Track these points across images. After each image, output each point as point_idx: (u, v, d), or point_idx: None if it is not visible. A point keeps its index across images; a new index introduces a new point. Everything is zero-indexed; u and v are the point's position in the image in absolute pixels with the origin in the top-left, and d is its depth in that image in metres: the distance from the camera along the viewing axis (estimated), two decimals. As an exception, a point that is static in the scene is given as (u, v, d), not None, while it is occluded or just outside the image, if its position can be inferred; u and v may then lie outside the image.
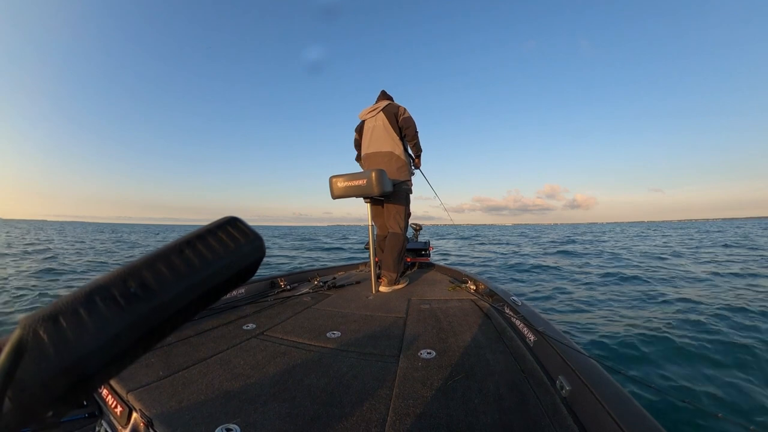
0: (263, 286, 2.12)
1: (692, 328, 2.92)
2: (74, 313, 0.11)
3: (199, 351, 1.10)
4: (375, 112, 2.30)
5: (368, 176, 1.93)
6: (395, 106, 2.29)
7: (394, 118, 2.25)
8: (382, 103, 2.32)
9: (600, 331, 2.90)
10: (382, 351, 1.10)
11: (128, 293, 0.12)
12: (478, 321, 1.41)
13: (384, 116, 2.25)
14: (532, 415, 0.72)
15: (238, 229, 0.17)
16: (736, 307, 3.47)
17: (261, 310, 1.64)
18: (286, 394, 0.82)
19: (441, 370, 0.94)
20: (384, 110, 2.26)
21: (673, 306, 3.70)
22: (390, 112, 2.25)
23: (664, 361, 2.33)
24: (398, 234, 2.26)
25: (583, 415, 0.70)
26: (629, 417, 0.59)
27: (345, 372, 0.94)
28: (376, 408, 0.76)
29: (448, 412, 0.74)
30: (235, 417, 0.72)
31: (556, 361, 0.91)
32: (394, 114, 2.26)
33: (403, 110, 2.27)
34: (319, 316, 1.52)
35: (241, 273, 0.16)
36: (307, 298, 1.91)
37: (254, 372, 0.94)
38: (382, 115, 2.26)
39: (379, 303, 1.77)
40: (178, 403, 0.78)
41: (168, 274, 0.13)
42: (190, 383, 0.88)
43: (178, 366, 0.98)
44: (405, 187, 2.30)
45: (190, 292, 0.14)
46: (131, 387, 0.84)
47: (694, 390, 1.96)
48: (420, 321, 1.42)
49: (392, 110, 2.27)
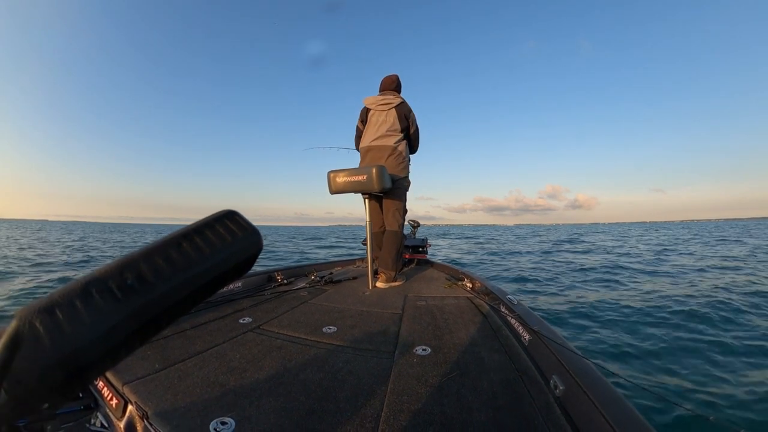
0: (260, 280, 2.12)
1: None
2: (70, 305, 0.11)
3: (196, 344, 1.10)
4: (386, 106, 2.27)
5: (369, 172, 1.93)
6: (407, 107, 2.29)
7: (405, 119, 2.26)
8: (394, 98, 2.29)
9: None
10: (377, 347, 1.11)
11: (125, 285, 0.12)
12: (473, 319, 1.42)
13: (396, 114, 2.24)
14: (525, 414, 0.73)
15: (236, 223, 0.17)
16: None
17: (257, 304, 1.64)
18: (281, 389, 0.82)
19: (436, 367, 0.95)
20: (397, 108, 2.25)
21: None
22: (402, 113, 2.25)
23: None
24: (396, 232, 2.25)
25: (575, 415, 0.71)
26: (621, 417, 0.60)
27: (340, 367, 0.94)
28: (370, 403, 0.76)
29: (442, 409, 0.74)
30: (231, 410, 0.72)
31: (550, 360, 0.92)
32: (406, 116, 2.26)
33: (413, 119, 2.29)
34: (316, 311, 1.52)
35: (238, 266, 0.16)
36: (304, 292, 1.91)
37: (250, 366, 0.95)
38: (394, 113, 2.25)
39: (376, 299, 1.78)
40: (173, 396, 0.78)
41: (165, 266, 0.13)
42: (186, 376, 0.88)
43: (174, 359, 0.98)
44: (404, 183, 2.30)
45: (186, 285, 0.14)
46: (127, 379, 0.84)
47: (687, 391, 1.98)
48: (416, 318, 1.43)
49: (404, 111, 2.26)
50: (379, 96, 2.33)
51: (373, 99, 2.32)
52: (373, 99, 2.32)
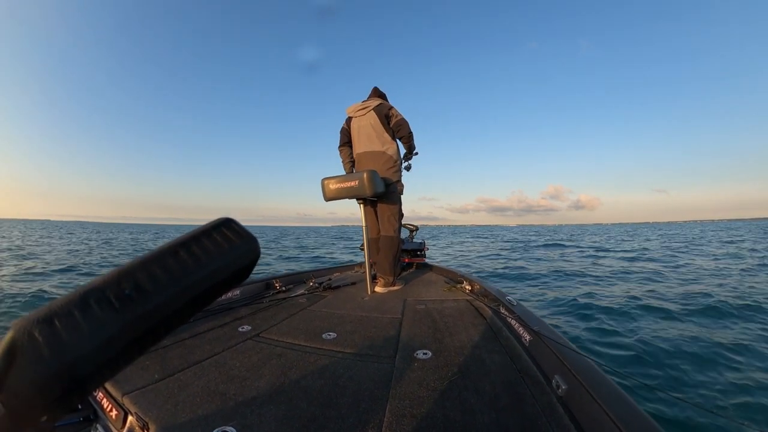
0: (258, 287, 2.11)
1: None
2: (69, 315, 0.11)
3: (195, 353, 1.10)
4: (365, 110, 2.25)
5: (360, 177, 1.93)
6: (386, 106, 2.26)
7: (385, 118, 2.22)
8: (373, 101, 2.28)
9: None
10: (378, 352, 1.10)
11: (123, 295, 0.12)
12: (473, 321, 1.42)
13: (375, 115, 2.22)
14: (528, 415, 0.73)
15: (233, 231, 0.17)
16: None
17: (256, 312, 1.63)
18: (282, 396, 0.81)
19: (437, 371, 0.95)
20: (375, 109, 2.22)
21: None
22: (381, 112, 2.22)
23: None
24: (392, 237, 2.24)
25: (579, 414, 0.71)
26: (626, 415, 0.60)
27: (341, 373, 0.94)
28: (372, 409, 0.76)
29: (445, 413, 0.74)
30: (232, 419, 0.71)
31: (551, 360, 0.92)
32: (385, 114, 2.23)
33: (395, 112, 2.23)
34: (315, 318, 1.51)
35: (235, 274, 0.16)
36: (303, 299, 1.90)
37: (250, 374, 0.94)
38: (372, 114, 2.23)
39: (375, 304, 1.77)
40: (174, 406, 0.77)
41: (162, 275, 0.13)
42: (186, 386, 0.87)
43: (174, 368, 0.97)
44: (397, 187, 2.29)
45: (184, 294, 0.14)
46: (127, 390, 0.83)
47: (691, 387, 1.98)
48: (416, 321, 1.42)
49: (383, 110, 2.23)
50: (359, 103, 2.34)
51: (353, 106, 2.34)
52: (353, 106, 2.33)
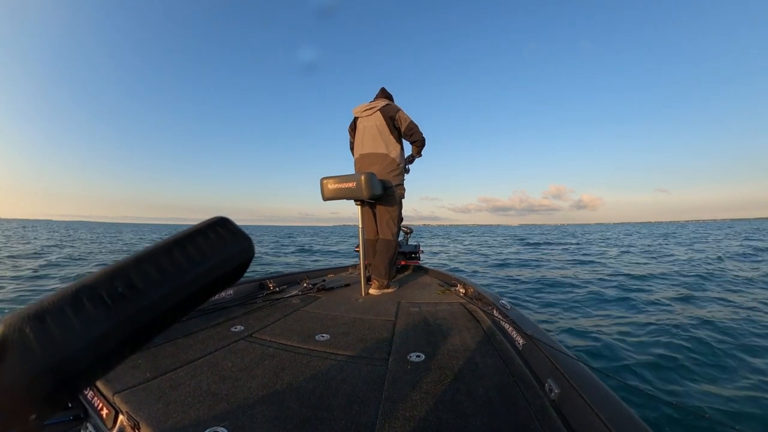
0: (252, 287, 2.10)
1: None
2: (60, 311, 0.11)
3: (187, 353, 1.09)
4: (371, 111, 2.21)
5: (357, 179, 1.93)
6: (394, 108, 2.21)
7: (390, 120, 2.18)
8: (379, 102, 2.24)
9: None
10: (371, 354, 1.10)
11: (115, 293, 0.12)
12: (467, 324, 1.42)
13: (381, 116, 2.18)
14: (521, 418, 0.73)
15: (227, 230, 0.17)
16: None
17: (249, 312, 1.62)
18: (274, 397, 0.81)
19: (430, 373, 0.95)
20: (381, 110, 2.18)
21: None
22: (387, 114, 2.18)
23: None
24: (389, 240, 2.22)
25: (572, 418, 0.71)
26: (618, 419, 0.60)
27: (334, 375, 0.93)
28: (365, 411, 0.75)
29: (438, 415, 0.74)
30: (223, 420, 0.71)
31: (544, 364, 0.92)
32: (391, 117, 2.18)
33: (403, 115, 2.18)
34: (308, 319, 1.51)
35: (229, 274, 0.16)
36: (296, 300, 1.89)
37: (242, 374, 0.93)
38: (378, 115, 2.19)
39: (369, 306, 1.77)
40: (165, 405, 0.77)
41: (155, 274, 0.13)
42: (178, 385, 0.86)
43: (166, 368, 0.96)
44: (398, 191, 2.25)
45: (177, 293, 0.14)
46: (118, 389, 0.82)
47: (682, 391, 2.00)
48: (409, 324, 1.42)
49: (390, 112, 2.18)
50: (365, 104, 2.31)
51: (359, 107, 2.30)
52: (360, 107, 2.30)
